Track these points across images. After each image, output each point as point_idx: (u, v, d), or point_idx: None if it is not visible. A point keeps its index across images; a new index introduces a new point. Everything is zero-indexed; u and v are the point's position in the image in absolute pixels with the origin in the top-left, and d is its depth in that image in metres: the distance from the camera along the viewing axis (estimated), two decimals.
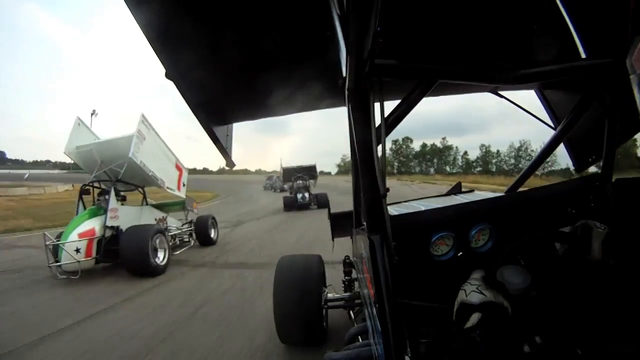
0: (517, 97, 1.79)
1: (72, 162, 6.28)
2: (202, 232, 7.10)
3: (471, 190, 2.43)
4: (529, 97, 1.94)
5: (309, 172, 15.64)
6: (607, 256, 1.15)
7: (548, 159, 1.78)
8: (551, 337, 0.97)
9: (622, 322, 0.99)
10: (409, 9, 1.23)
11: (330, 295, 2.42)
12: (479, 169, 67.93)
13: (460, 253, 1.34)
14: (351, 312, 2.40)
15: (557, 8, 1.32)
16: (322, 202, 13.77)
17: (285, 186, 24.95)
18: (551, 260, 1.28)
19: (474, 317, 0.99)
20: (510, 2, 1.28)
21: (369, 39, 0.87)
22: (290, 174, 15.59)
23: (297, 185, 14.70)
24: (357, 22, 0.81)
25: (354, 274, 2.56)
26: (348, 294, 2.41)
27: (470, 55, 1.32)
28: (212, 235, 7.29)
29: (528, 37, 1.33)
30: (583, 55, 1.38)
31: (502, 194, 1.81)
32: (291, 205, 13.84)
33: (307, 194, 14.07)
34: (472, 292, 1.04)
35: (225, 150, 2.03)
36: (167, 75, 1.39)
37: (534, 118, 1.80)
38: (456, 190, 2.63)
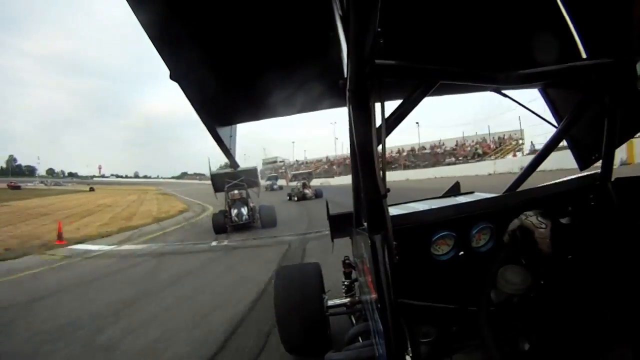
0: (520, 93, 1.79)
1: None
2: None
3: (471, 192, 2.43)
4: (531, 94, 1.95)
5: (247, 178, 10.84)
6: (560, 253, 1.11)
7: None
8: (551, 336, 0.97)
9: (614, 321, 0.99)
10: (410, 10, 1.24)
11: (331, 302, 2.41)
12: None
13: (462, 253, 1.35)
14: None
15: (557, 8, 1.33)
16: (267, 218, 9.93)
17: (308, 191, 18.78)
18: (552, 260, 1.28)
19: None
20: (511, 3, 1.28)
21: (370, 40, 0.88)
22: (220, 181, 10.87)
23: (231, 197, 10.43)
24: (357, 22, 0.82)
25: (353, 275, 2.56)
26: (349, 299, 2.41)
27: (471, 55, 1.32)
28: None
29: (529, 38, 1.34)
30: (584, 55, 1.38)
31: (502, 193, 1.81)
32: (222, 225, 9.82)
33: (244, 209, 10.13)
34: None
35: (229, 151, 2.04)
36: (172, 77, 1.39)
37: (536, 116, 1.80)
38: (455, 190, 2.63)
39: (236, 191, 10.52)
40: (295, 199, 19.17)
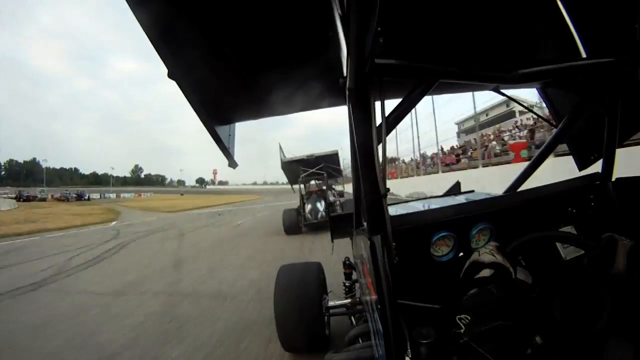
0: (520, 93, 1.79)
1: None
2: None
3: (471, 191, 2.42)
4: (531, 94, 1.95)
5: (328, 165, 8.66)
6: (630, 269, 1.12)
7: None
8: (551, 338, 0.96)
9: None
10: (409, 8, 1.23)
11: (331, 303, 2.41)
12: None
13: (462, 254, 1.34)
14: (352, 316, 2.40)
15: (557, 7, 1.32)
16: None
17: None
18: (554, 262, 1.27)
19: (485, 272, 1.05)
20: (511, 2, 1.28)
21: (370, 38, 0.87)
22: (293, 170, 8.74)
23: (308, 189, 8.68)
24: (357, 21, 0.81)
25: (354, 276, 2.56)
26: (349, 300, 2.40)
27: (471, 54, 1.32)
28: None
29: (529, 37, 1.33)
30: (584, 55, 1.38)
31: (502, 193, 1.80)
32: (294, 224, 8.06)
33: (321, 204, 8.20)
34: (484, 253, 1.09)
35: (227, 150, 2.03)
36: (170, 75, 1.38)
37: (536, 115, 1.80)
38: (455, 190, 2.63)
39: (313, 182, 8.73)
40: None
